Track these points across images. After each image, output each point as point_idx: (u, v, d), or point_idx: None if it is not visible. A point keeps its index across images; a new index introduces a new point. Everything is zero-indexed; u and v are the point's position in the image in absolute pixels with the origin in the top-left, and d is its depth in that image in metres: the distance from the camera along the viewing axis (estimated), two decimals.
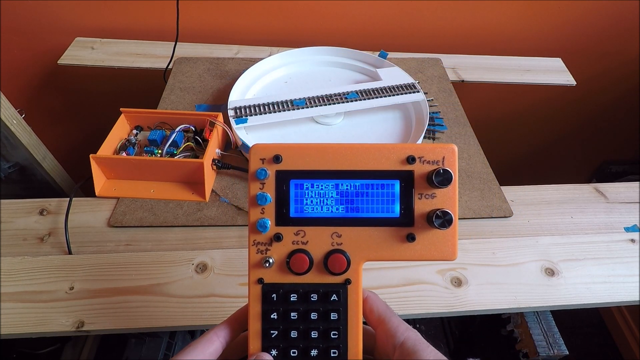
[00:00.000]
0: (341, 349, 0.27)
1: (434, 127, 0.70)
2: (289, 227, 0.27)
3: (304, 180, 0.27)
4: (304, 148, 0.27)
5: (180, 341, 0.72)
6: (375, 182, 0.27)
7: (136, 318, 0.46)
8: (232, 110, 0.64)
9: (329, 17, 0.92)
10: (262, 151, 0.27)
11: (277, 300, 0.27)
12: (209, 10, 0.90)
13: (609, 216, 0.60)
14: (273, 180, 0.27)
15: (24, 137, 0.65)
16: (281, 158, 0.27)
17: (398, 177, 0.27)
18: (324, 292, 0.27)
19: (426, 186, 0.27)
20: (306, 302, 0.27)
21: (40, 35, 0.91)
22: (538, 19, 0.95)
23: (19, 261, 0.50)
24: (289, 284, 0.27)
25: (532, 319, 0.61)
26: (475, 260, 0.53)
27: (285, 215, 0.27)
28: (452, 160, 0.26)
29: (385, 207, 0.27)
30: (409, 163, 0.27)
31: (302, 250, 0.27)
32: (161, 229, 0.56)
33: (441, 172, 0.26)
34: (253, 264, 0.27)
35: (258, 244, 0.27)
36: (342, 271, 0.27)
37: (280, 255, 0.27)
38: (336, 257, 0.27)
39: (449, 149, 0.27)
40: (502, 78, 0.86)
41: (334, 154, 0.27)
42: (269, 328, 0.27)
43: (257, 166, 0.27)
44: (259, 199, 0.27)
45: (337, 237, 0.27)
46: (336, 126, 0.68)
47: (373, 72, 0.77)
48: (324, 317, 0.27)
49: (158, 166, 0.58)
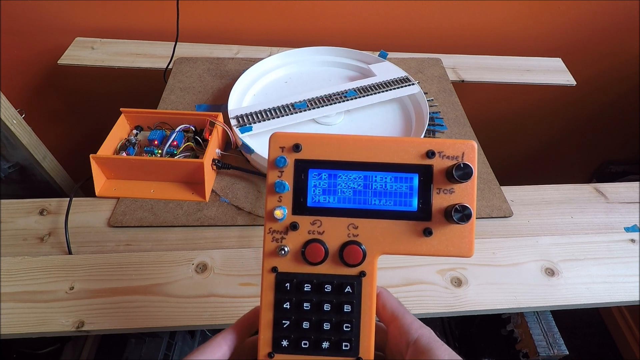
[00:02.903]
0: (353, 342, 0.27)
1: (434, 127, 0.70)
2: (305, 217, 0.27)
3: (322, 170, 0.27)
4: (323, 138, 0.27)
5: (180, 341, 0.72)
6: (394, 175, 0.27)
7: (136, 318, 0.46)
8: (235, 120, 0.64)
9: (329, 17, 0.92)
10: (282, 139, 0.27)
11: (290, 289, 0.27)
12: (209, 10, 0.90)
13: (609, 216, 0.60)
14: (292, 168, 0.27)
15: (24, 137, 0.65)
16: (301, 147, 0.27)
17: (417, 171, 0.27)
18: (338, 283, 0.27)
19: (445, 181, 0.26)
20: (320, 293, 0.27)
21: (40, 35, 0.91)
22: (538, 19, 0.95)
23: (19, 261, 0.50)
24: (303, 273, 0.27)
25: (532, 319, 0.62)
26: (475, 260, 0.53)
27: (302, 204, 0.27)
28: (472, 156, 0.26)
29: (403, 200, 0.27)
30: (428, 157, 0.27)
31: (318, 240, 0.27)
32: (161, 229, 0.56)
33: (462, 166, 0.25)
34: (268, 252, 0.27)
35: (274, 232, 0.27)
36: (358, 263, 0.27)
37: (295, 245, 0.27)
38: (352, 248, 0.27)
39: (469, 145, 0.27)
40: (502, 78, 0.86)
41: (353, 145, 0.27)
42: (281, 318, 0.27)
43: (277, 154, 0.27)
44: (277, 187, 0.26)
45: (353, 228, 0.27)
46: (337, 126, 0.68)
47: (370, 70, 0.77)
48: (337, 309, 0.27)
49: (158, 166, 0.58)
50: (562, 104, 1.14)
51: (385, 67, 0.75)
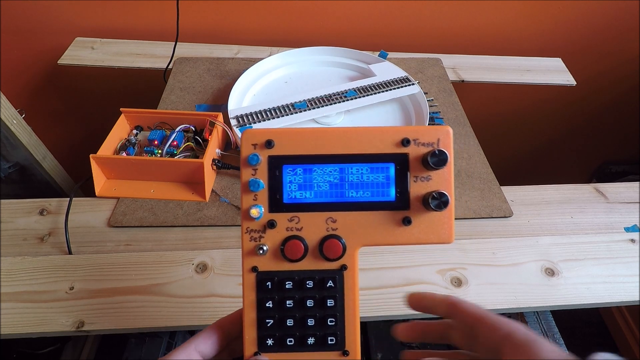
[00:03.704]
0: (338, 336, 0.27)
1: None
2: (282, 214, 0.27)
3: (297, 165, 0.26)
4: (296, 133, 0.27)
5: (180, 341, 0.72)
6: (370, 166, 0.26)
7: (136, 318, 0.46)
8: (235, 120, 0.63)
9: (329, 17, 0.92)
10: (254, 136, 0.26)
11: (272, 288, 0.27)
12: (209, 10, 0.90)
13: (609, 216, 0.60)
14: (265, 165, 0.26)
15: (24, 137, 0.65)
16: (273, 143, 0.26)
17: (393, 160, 0.26)
18: (320, 278, 0.27)
19: (421, 168, 0.26)
20: (302, 290, 0.27)
21: (40, 35, 0.91)
22: (538, 19, 0.95)
23: (19, 261, 0.50)
24: (283, 271, 0.27)
25: (532, 319, 0.61)
26: (475, 260, 0.53)
27: (278, 201, 0.26)
28: (448, 142, 0.26)
29: (380, 190, 0.27)
30: (403, 145, 0.26)
31: (297, 236, 0.27)
32: (161, 229, 0.56)
33: (437, 152, 0.25)
34: (247, 252, 0.27)
35: (251, 232, 0.27)
36: (338, 257, 0.27)
37: (274, 243, 0.27)
38: (331, 242, 0.26)
39: (444, 130, 0.26)
40: (502, 78, 0.86)
41: (327, 138, 0.26)
42: (264, 317, 0.27)
43: (249, 152, 0.26)
44: (252, 185, 0.26)
45: (332, 222, 0.27)
46: (337, 126, 0.68)
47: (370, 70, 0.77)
48: (320, 304, 0.27)
49: (158, 166, 0.58)
50: (562, 104, 1.14)
51: (385, 67, 0.75)
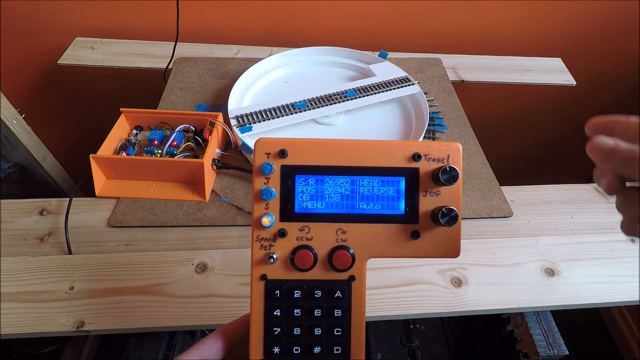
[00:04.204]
0: (344, 346, 0.27)
1: (434, 127, 0.70)
2: (293, 223, 0.27)
3: (309, 175, 0.27)
4: (310, 143, 0.27)
5: (180, 341, 0.72)
6: (381, 179, 0.27)
7: (136, 318, 0.46)
8: (235, 120, 0.63)
9: (329, 17, 0.92)
10: (268, 145, 0.27)
11: (280, 296, 0.27)
12: (209, 10, 0.90)
13: (609, 216, 0.60)
14: (278, 175, 0.27)
15: (24, 137, 0.65)
16: (287, 153, 0.26)
17: (404, 174, 0.27)
18: (328, 288, 0.27)
19: (431, 184, 0.27)
20: (310, 299, 0.27)
21: (40, 35, 0.91)
22: (538, 19, 0.95)
23: (19, 261, 0.50)
24: (293, 280, 0.27)
25: (532, 319, 0.61)
26: (475, 260, 0.53)
27: (290, 210, 0.27)
28: (457, 159, 0.27)
29: (390, 204, 0.27)
30: (414, 160, 0.27)
31: (307, 246, 0.27)
32: (161, 229, 0.56)
33: (447, 169, 0.26)
34: (256, 261, 0.27)
35: (262, 240, 0.27)
36: (347, 268, 0.27)
37: (284, 252, 0.27)
38: (341, 253, 0.27)
39: (454, 147, 0.27)
40: (502, 78, 0.86)
41: (340, 150, 0.27)
42: (272, 325, 0.27)
43: (262, 160, 0.26)
44: (264, 194, 0.26)
45: (342, 233, 0.27)
46: (337, 125, 0.68)
47: (370, 70, 0.77)
48: (327, 314, 0.27)
49: (158, 166, 0.58)
50: (562, 104, 1.14)
51: (385, 67, 0.75)
